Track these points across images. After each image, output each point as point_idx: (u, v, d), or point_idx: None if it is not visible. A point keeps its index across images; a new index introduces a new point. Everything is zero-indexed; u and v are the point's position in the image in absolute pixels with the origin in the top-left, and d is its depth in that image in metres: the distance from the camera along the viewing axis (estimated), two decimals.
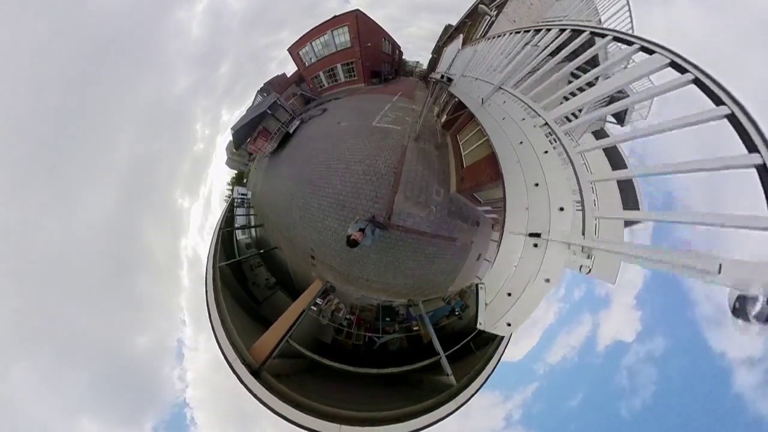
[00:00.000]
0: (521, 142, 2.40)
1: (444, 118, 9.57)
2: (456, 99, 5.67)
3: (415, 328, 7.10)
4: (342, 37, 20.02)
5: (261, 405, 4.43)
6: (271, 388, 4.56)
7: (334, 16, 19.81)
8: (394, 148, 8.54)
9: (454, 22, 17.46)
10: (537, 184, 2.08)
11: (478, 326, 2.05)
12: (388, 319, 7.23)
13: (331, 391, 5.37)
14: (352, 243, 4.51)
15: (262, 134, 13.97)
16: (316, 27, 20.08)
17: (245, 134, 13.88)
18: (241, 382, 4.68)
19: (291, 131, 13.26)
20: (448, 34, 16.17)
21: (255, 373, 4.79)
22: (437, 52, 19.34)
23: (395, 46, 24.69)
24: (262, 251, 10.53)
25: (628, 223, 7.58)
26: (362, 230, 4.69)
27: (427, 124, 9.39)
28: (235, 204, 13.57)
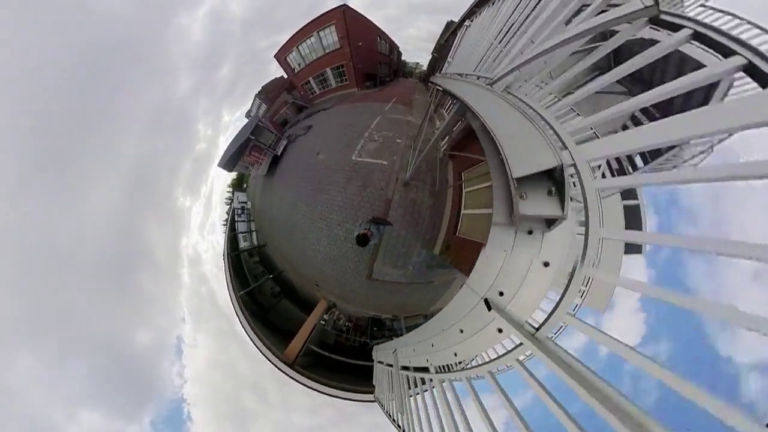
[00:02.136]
0: None
1: (448, 143, 7.82)
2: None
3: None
4: (329, 37, 19.13)
5: (298, 385, 8.14)
6: (302, 374, 8.25)
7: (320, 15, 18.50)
8: (376, 203, 8.59)
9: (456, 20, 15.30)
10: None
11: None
12: (375, 328, 10.91)
13: (335, 375, 9.08)
14: (362, 241, 4.86)
15: (254, 149, 15.66)
16: (300, 29, 19.19)
17: (235, 159, 15.55)
18: (283, 372, 8.33)
19: (279, 153, 14.64)
20: (451, 30, 15.15)
21: (291, 367, 8.44)
22: (438, 51, 18.58)
23: (393, 46, 23.48)
24: (272, 276, 13.43)
25: (628, 249, 8.53)
26: (369, 229, 5.13)
27: (424, 146, 7.52)
28: (236, 219, 16.13)
